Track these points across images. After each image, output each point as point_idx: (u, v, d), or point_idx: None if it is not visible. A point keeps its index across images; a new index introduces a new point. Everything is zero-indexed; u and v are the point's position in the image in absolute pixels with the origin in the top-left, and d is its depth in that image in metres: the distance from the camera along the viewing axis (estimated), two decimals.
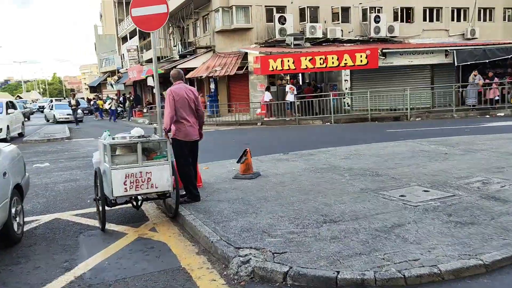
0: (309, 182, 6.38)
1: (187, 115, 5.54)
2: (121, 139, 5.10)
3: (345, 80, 20.60)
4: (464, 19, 27.11)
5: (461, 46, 20.26)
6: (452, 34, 26.62)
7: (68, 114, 26.85)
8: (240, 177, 6.99)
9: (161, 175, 4.85)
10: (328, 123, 18.53)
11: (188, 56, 25.23)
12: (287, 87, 19.86)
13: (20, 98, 73.03)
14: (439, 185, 5.76)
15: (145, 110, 29.83)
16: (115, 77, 39.18)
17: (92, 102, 36.46)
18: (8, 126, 15.79)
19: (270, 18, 22.78)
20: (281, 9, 23.17)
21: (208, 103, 23.72)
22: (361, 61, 18.54)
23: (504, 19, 28.26)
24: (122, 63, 39.53)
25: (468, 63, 18.34)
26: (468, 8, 26.91)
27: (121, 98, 32.03)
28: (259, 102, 20.57)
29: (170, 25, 29.09)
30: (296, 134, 15.64)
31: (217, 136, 16.24)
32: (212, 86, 23.74)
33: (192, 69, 23.72)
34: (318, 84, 22.60)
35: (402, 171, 6.77)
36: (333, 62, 18.81)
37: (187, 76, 23.72)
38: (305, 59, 19.01)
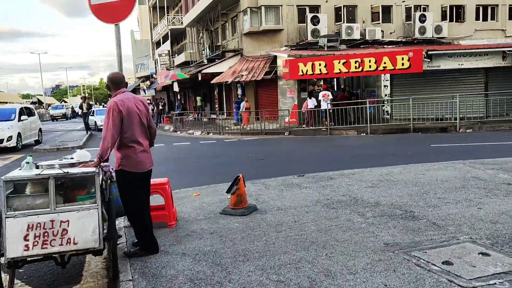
0: (315, 226, 4.66)
1: (139, 136, 3.99)
2: (46, 169, 3.63)
3: (385, 86, 18.49)
4: None
5: None
6: (509, 34, 23.69)
7: None
8: (228, 212, 5.38)
9: (83, 225, 3.34)
10: (364, 134, 16.52)
11: (216, 60, 23.98)
12: (321, 94, 18.03)
13: (65, 102, 75.69)
14: (504, 242, 3.88)
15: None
16: (147, 82, 38.80)
17: None
18: (19, 133, 15.06)
19: (302, 19, 21.07)
20: (314, 8, 21.39)
21: (234, 109, 22.33)
22: (403, 64, 16.42)
23: None
24: (155, 68, 39.11)
25: None
26: None
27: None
28: (288, 109, 18.89)
29: (200, 28, 28.02)
30: (323, 147, 13.82)
31: (235, 147, 14.72)
32: (239, 91, 22.30)
33: (218, 73, 22.44)
34: (354, 90, 20.62)
35: (448, 211, 4.90)
36: (370, 66, 16.81)
37: (212, 81, 22.46)
38: (339, 62, 17.15)
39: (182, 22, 32.28)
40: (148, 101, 32.54)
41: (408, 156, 9.91)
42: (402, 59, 16.42)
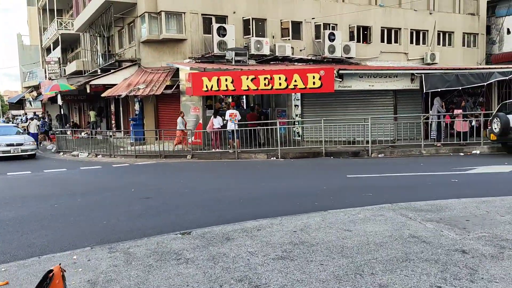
0: None
1: None
2: None
3: (295, 106, 17.23)
4: (424, 43, 24.98)
5: (430, 69, 17.57)
6: (411, 57, 24.32)
7: (13, 145, 16.91)
8: None
9: None
10: (274, 158, 14.94)
11: (111, 70, 20.97)
12: (228, 113, 16.14)
13: None
14: None
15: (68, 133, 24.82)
16: (34, 93, 33.83)
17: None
18: None
19: (208, 29, 19.20)
20: (221, 19, 19.65)
21: (132, 128, 19.52)
22: (314, 83, 15.24)
23: (464, 45, 26.47)
24: (45, 77, 34.34)
25: (439, 89, 15.52)
26: (427, 30, 24.84)
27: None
28: (190, 129, 16.69)
29: (93, 34, 24.70)
30: (229, 176, 11.82)
31: (120, 176, 12.08)
32: (137, 107, 19.57)
33: (112, 85, 19.50)
34: (263, 109, 19.13)
35: None
36: (280, 84, 15.37)
37: (103, 95, 19.45)
38: (247, 78, 15.46)
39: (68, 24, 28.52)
40: (34, 116, 27.79)
41: (325, 193, 8.29)
42: (313, 77, 15.23)
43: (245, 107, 20.97)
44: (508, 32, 26.49)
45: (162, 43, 18.84)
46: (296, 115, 17.19)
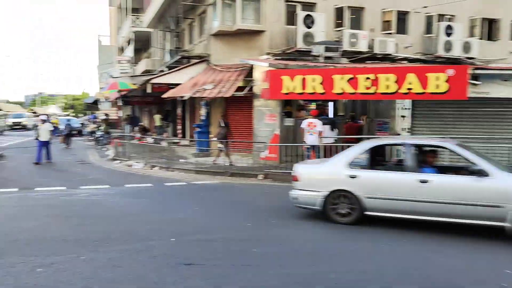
0: None
1: None
2: None
3: (402, 117, 13.00)
4: None
5: None
6: None
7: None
8: None
9: None
10: None
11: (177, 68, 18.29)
12: (305, 123, 12.43)
13: (34, 112, 68.55)
14: None
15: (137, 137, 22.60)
16: (107, 94, 32.78)
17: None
18: None
19: (291, 19, 15.62)
20: (308, 7, 15.98)
21: (195, 136, 16.60)
22: (438, 86, 10.93)
23: None
24: (112, 76, 33.26)
25: None
26: None
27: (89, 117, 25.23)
28: (264, 141, 13.23)
29: (163, 29, 22.39)
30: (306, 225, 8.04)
31: (165, 203, 8.77)
32: (203, 111, 16.58)
33: (177, 85, 16.74)
34: (358, 120, 15.17)
35: None
36: (388, 86, 11.31)
37: (164, 96, 16.70)
38: (342, 78, 11.63)
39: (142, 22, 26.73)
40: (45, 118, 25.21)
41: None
42: (437, 78, 10.93)
43: (330, 116, 17.03)
44: None
45: (236, 36, 15.67)
46: (403, 129, 12.94)
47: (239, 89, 14.66)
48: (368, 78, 11.44)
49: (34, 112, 64.88)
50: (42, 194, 9.53)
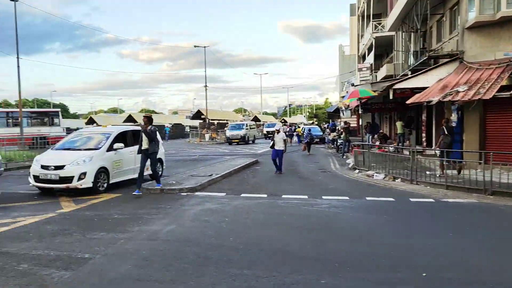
0: None
1: None
2: None
3: None
4: None
5: None
6: None
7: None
8: None
9: None
10: None
11: (422, 70, 16.66)
12: None
13: (285, 121, 77.79)
14: None
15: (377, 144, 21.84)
16: (346, 102, 33.34)
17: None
18: (104, 169, 11.21)
19: None
20: None
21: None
22: None
23: None
24: (353, 84, 33.47)
25: None
26: None
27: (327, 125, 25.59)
28: None
29: (407, 30, 20.91)
30: None
31: (411, 227, 7.60)
32: (454, 117, 14.44)
33: (422, 89, 15.20)
34: None
35: None
36: None
37: (408, 102, 15.35)
38: None
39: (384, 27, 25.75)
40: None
41: None
42: None
43: None
44: None
45: (499, 26, 12.98)
46: None
47: (503, 88, 12.05)
48: None
49: (284, 121, 73.16)
50: (286, 202, 9.98)
